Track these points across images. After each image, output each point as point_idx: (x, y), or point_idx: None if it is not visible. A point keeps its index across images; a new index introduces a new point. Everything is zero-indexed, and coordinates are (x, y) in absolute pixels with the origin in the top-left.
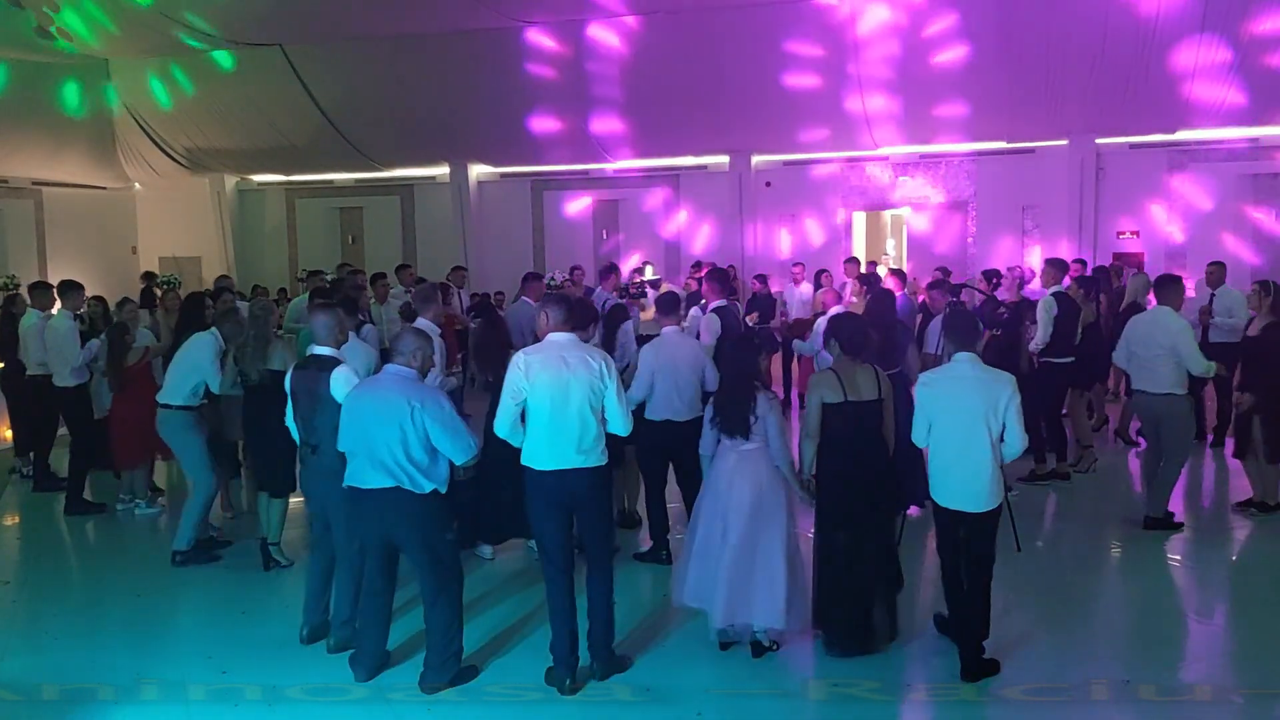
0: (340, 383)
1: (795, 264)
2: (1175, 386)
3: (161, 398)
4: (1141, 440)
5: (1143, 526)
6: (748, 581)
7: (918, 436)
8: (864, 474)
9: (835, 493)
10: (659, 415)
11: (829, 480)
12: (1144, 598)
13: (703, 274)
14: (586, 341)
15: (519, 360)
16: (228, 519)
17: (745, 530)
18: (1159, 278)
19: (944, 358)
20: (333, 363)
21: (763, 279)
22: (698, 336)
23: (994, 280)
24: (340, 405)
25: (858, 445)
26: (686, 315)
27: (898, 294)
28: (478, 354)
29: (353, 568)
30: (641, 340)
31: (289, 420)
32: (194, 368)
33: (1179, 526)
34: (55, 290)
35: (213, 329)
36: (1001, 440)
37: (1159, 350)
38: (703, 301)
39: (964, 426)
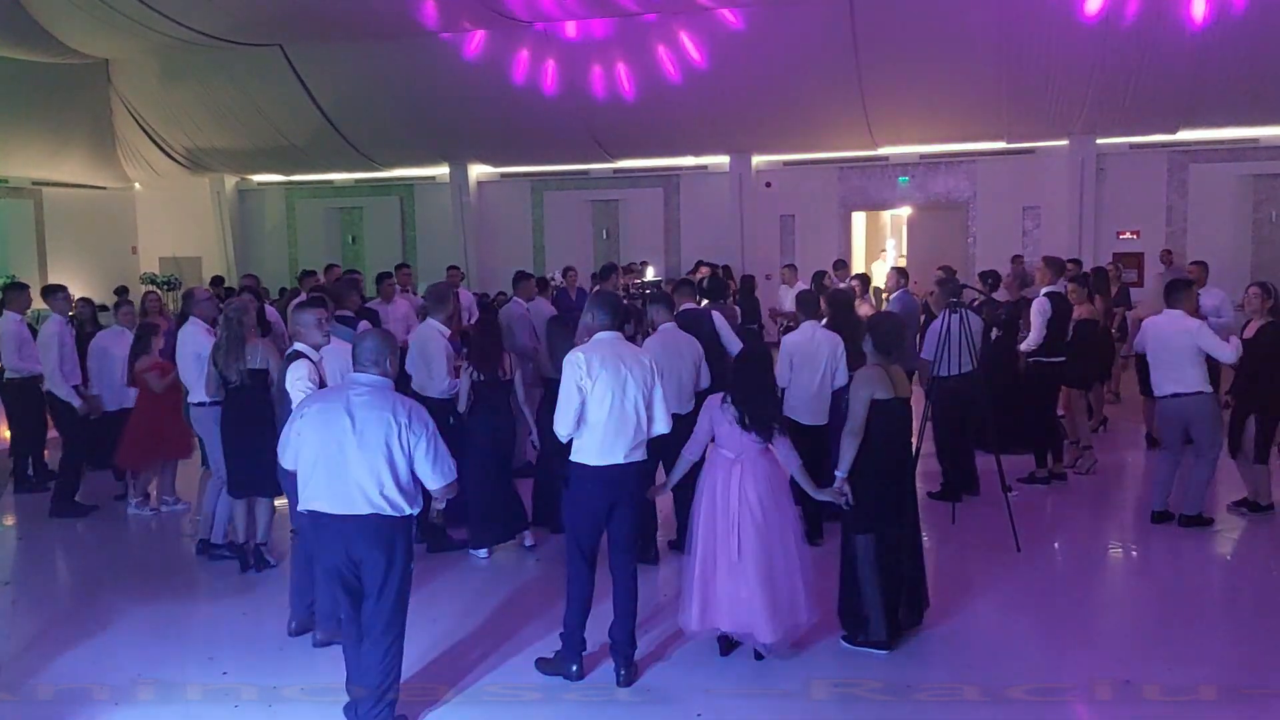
0: (291, 376)
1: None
2: (1204, 384)
3: (191, 398)
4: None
5: (1178, 524)
6: (790, 589)
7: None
8: (903, 470)
9: (880, 490)
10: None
11: (874, 478)
12: (1145, 597)
13: (703, 273)
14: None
15: (578, 359)
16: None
17: (766, 538)
18: (1170, 281)
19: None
20: (296, 358)
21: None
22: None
23: (989, 281)
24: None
25: (897, 443)
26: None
27: (900, 292)
28: (472, 353)
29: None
30: None
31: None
32: (196, 357)
33: (1210, 522)
34: (42, 294)
35: (190, 317)
36: None
37: (1183, 351)
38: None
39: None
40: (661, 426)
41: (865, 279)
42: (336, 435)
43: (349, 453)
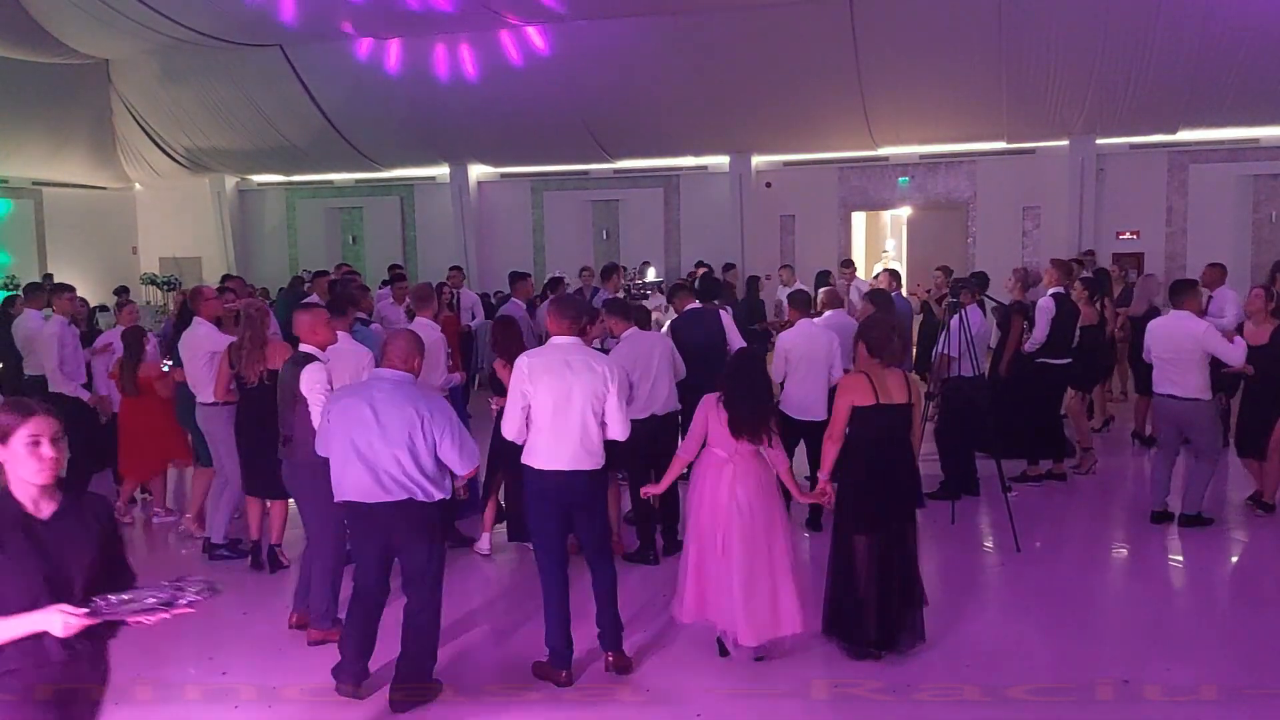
0: (307, 380)
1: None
2: (1203, 391)
3: (200, 398)
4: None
5: (1177, 524)
6: (771, 596)
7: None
8: (891, 478)
9: (861, 497)
10: (641, 413)
11: (855, 484)
12: (1145, 597)
13: (700, 274)
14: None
15: (522, 363)
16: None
17: (752, 541)
18: (1174, 282)
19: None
20: (307, 359)
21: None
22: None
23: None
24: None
25: (884, 448)
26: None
27: (893, 294)
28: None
29: (331, 559)
30: None
31: None
32: (211, 356)
33: (1210, 522)
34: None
35: (196, 318)
36: None
37: (1187, 355)
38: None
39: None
40: (616, 433)
41: (895, 274)
42: (361, 429)
43: (375, 445)
